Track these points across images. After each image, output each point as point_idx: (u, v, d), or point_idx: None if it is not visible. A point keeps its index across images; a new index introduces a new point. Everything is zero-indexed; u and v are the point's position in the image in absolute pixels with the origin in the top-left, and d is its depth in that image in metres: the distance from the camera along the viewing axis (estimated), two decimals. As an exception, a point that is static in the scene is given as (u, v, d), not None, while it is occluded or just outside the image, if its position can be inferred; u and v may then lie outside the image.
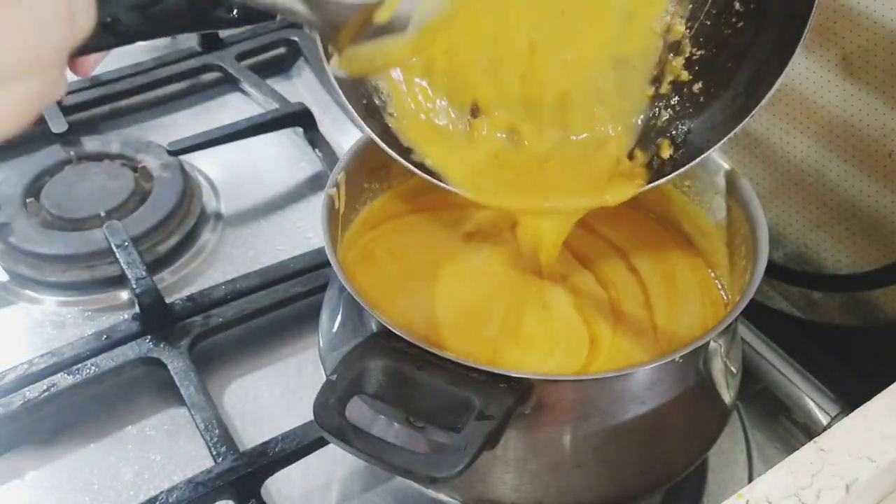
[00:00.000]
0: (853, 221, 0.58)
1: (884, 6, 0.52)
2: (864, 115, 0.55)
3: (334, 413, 0.41)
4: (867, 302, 0.59)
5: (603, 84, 0.50)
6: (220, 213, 0.78)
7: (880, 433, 0.39)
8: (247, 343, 0.66)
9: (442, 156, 0.49)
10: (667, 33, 0.50)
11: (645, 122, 0.51)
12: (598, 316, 0.54)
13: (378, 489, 0.56)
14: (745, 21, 0.48)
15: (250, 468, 0.55)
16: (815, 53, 0.56)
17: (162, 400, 0.62)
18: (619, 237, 0.59)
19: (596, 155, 0.51)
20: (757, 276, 0.46)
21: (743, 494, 0.37)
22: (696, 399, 0.48)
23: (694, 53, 0.50)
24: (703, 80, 0.50)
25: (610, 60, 0.50)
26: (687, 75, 0.50)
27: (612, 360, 0.51)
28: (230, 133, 0.81)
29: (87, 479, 0.58)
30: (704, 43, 0.49)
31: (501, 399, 0.41)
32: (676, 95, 0.51)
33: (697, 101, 0.50)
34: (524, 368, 0.50)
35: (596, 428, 0.45)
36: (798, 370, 0.60)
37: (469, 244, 0.58)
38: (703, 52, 0.50)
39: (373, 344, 0.43)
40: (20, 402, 0.58)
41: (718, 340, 0.48)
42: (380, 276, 0.55)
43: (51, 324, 0.68)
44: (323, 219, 0.50)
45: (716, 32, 0.49)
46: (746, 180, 0.53)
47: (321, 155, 0.81)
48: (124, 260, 0.66)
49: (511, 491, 0.45)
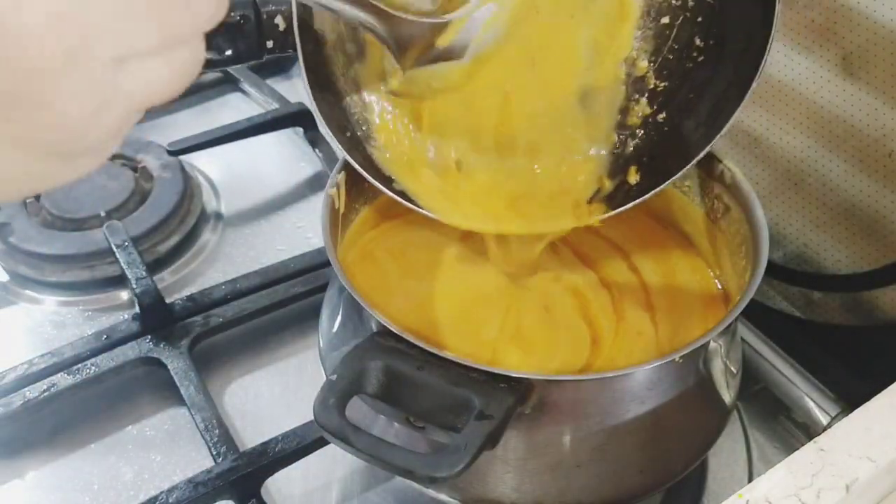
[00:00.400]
0: (853, 221, 0.58)
1: (884, 6, 0.52)
2: (864, 115, 0.55)
3: (334, 413, 0.41)
4: (867, 302, 0.59)
5: (573, 120, 0.52)
6: (220, 213, 0.78)
7: (880, 433, 0.39)
8: (247, 343, 0.66)
9: (420, 187, 0.51)
10: (632, 68, 0.52)
11: (614, 151, 0.53)
12: (600, 316, 0.54)
13: (378, 489, 0.56)
14: (705, 55, 0.50)
15: (250, 468, 0.55)
16: (815, 53, 0.56)
17: (162, 400, 0.62)
18: (619, 237, 0.59)
19: (568, 185, 0.53)
20: (757, 276, 0.46)
21: (743, 494, 0.37)
22: (696, 399, 0.48)
23: (658, 86, 0.52)
24: (667, 110, 0.52)
25: (579, 97, 0.52)
26: (651, 107, 0.52)
27: (613, 360, 0.51)
28: (230, 133, 0.81)
29: (87, 479, 0.58)
30: (668, 76, 0.52)
31: (501, 399, 0.41)
32: (642, 126, 0.53)
33: (662, 130, 0.52)
34: (525, 369, 0.50)
35: (596, 428, 0.45)
36: (798, 370, 0.60)
37: (470, 244, 0.58)
38: (667, 85, 0.52)
39: (373, 344, 0.43)
40: (20, 402, 0.58)
41: (718, 340, 0.48)
42: (380, 276, 0.55)
43: (51, 324, 0.68)
44: (323, 219, 0.50)
45: (678, 66, 0.51)
46: (746, 180, 0.53)
47: (321, 155, 0.81)
48: (124, 260, 0.66)
49: (511, 491, 0.45)
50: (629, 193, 0.52)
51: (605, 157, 0.53)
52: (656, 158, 0.52)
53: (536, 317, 0.54)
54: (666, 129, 0.52)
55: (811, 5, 0.56)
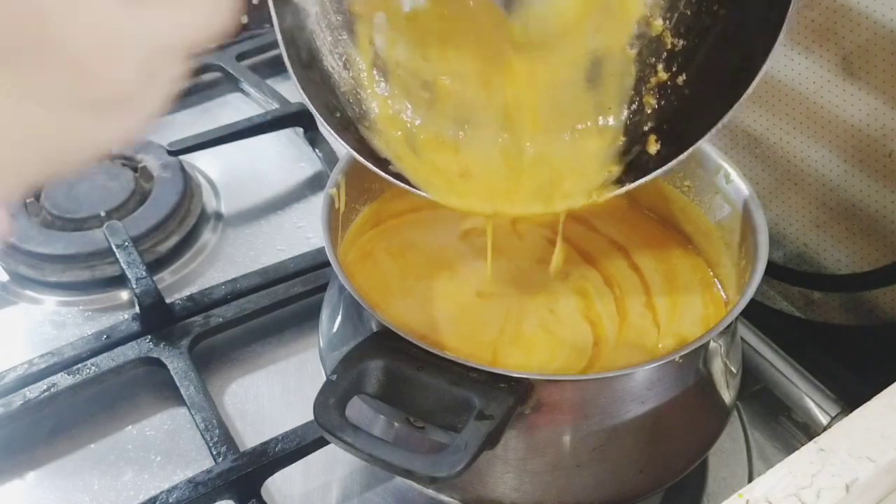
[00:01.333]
0: (853, 221, 0.58)
1: (884, 6, 0.52)
2: (864, 115, 0.55)
3: (334, 413, 0.41)
4: (867, 302, 0.59)
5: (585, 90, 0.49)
6: (220, 213, 0.78)
7: (880, 433, 0.39)
8: (247, 343, 0.66)
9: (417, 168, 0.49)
10: (646, 28, 0.49)
11: (631, 119, 0.50)
12: (604, 316, 0.54)
13: (378, 489, 0.56)
14: (725, 8, 0.47)
15: (250, 468, 0.55)
16: (815, 53, 0.56)
17: (162, 400, 0.62)
18: (620, 235, 0.60)
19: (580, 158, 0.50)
20: (757, 276, 0.46)
21: (743, 494, 0.37)
22: (696, 399, 0.48)
23: (675, 45, 0.49)
24: (687, 72, 0.49)
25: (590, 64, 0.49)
26: (670, 70, 0.49)
27: (615, 360, 0.51)
28: (230, 133, 0.80)
29: (87, 479, 0.58)
30: (685, 34, 0.48)
31: (501, 399, 0.41)
32: (660, 90, 0.50)
33: (682, 93, 0.49)
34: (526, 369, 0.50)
35: (596, 428, 0.45)
36: (798, 370, 0.60)
37: (470, 243, 0.58)
38: (685, 43, 0.48)
39: (373, 344, 0.43)
40: (20, 402, 0.58)
41: (718, 340, 0.48)
42: (380, 276, 0.55)
43: (51, 324, 0.68)
44: (323, 219, 0.50)
45: (696, 22, 0.48)
46: (746, 180, 0.53)
47: (321, 155, 0.81)
48: (124, 260, 0.66)
49: (511, 491, 0.45)
50: (646, 166, 0.48)
51: (620, 127, 0.50)
52: (678, 125, 0.48)
53: (538, 317, 0.54)
54: (686, 91, 0.49)
55: (811, 5, 0.56)
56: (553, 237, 0.59)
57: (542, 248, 0.58)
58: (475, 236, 0.59)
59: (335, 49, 0.47)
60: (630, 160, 0.50)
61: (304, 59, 0.46)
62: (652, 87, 0.49)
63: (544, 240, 0.59)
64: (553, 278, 0.56)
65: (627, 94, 0.50)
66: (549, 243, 0.58)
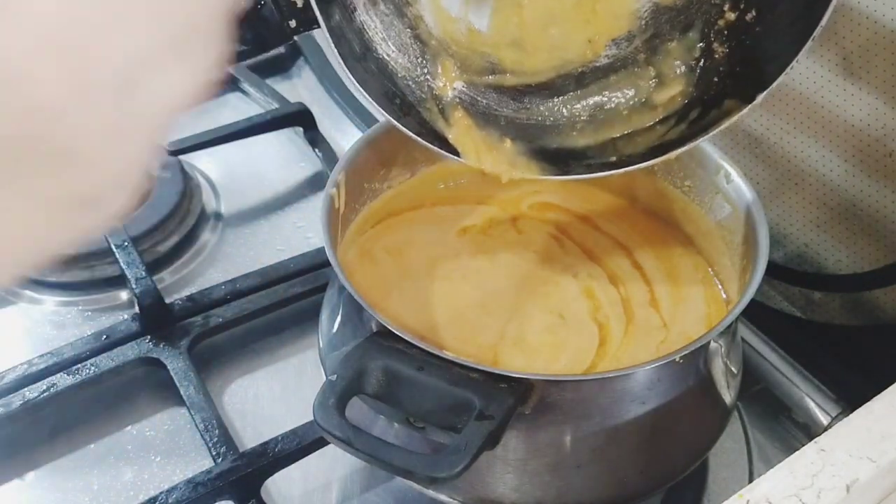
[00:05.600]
0: (853, 221, 0.58)
1: (884, 6, 0.52)
2: (864, 115, 0.55)
3: (334, 413, 0.41)
4: (867, 302, 0.59)
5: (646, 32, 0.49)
6: (220, 213, 0.78)
7: (880, 433, 0.39)
8: (247, 343, 0.66)
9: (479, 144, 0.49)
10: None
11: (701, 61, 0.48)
12: (611, 316, 0.54)
13: (378, 489, 0.56)
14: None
15: (250, 468, 0.55)
16: (816, 53, 0.56)
17: (162, 400, 0.62)
18: (622, 234, 0.59)
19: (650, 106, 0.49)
20: (757, 276, 0.46)
21: (743, 494, 0.37)
22: (697, 399, 0.48)
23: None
24: (756, 7, 0.46)
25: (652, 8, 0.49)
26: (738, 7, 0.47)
27: (618, 360, 0.51)
28: (230, 133, 0.80)
29: (87, 479, 0.58)
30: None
31: (501, 399, 0.41)
32: (730, 29, 0.47)
33: (753, 31, 0.46)
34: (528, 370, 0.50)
35: (596, 428, 0.45)
36: (798, 370, 0.60)
37: (470, 242, 0.58)
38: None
39: (372, 344, 0.43)
40: (20, 402, 0.58)
41: (718, 340, 0.48)
42: (380, 276, 0.55)
43: (51, 324, 0.68)
44: (323, 219, 0.50)
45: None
46: (747, 180, 0.53)
47: (321, 155, 0.81)
48: (124, 260, 0.66)
49: (511, 491, 0.45)
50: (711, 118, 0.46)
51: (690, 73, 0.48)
52: (751, 65, 0.46)
53: (540, 317, 0.53)
54: (758, 28, 0.46)
55: (811, 5, 0.55)
56: (557, 234, 0.59)
57: (546, 245, 0.58)
58: (475, 233, 0.59)
59: (388, 36, 0.47)
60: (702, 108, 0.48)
61: (358, 52, 0.46)
62: (723, 26, 0.48)
63: (549, 237, 0.59)
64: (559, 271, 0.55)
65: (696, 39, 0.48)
66: (553, 240, 0.58)
